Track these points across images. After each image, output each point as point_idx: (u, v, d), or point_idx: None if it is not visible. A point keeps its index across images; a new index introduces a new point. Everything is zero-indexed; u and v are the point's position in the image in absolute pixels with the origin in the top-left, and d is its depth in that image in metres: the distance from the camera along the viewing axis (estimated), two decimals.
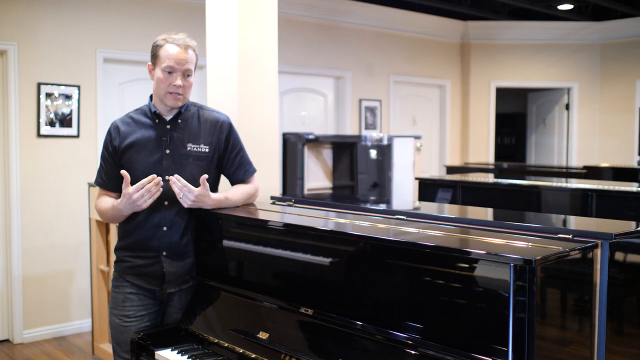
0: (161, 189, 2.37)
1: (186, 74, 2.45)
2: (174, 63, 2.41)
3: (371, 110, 7.17)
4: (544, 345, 1.64)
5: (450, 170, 6.56)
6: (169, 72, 2.42)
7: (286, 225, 2.30)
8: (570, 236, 1.87)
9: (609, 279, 1.82)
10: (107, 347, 4.19)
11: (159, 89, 2.46)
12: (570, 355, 1.78)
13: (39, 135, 4.87)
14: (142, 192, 2.33)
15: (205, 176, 2.40)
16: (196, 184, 2.47)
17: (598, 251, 1.81)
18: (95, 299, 4.36)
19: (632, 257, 2.02)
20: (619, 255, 1.91)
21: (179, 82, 2.42)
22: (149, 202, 2.36)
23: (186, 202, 2.40)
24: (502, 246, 1.74)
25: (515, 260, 1.57)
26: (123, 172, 2.36)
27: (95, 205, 2.55)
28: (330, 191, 5.42)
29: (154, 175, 2.35)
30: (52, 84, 4.90)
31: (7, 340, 4.89)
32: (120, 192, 2.55)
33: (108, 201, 2.50)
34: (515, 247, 1.72)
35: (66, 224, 5.02)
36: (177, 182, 2.36)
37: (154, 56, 2.47)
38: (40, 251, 4.93)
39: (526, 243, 1.76)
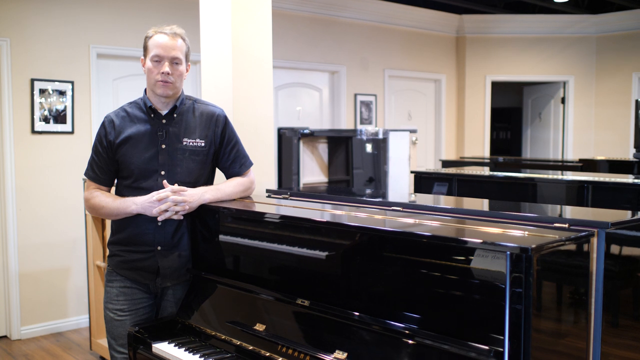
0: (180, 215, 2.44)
1: (174, 62, 2.44)
2: (161, 50, 2.42)
3: (366, 104, 7.16)
4: (539, 332, 1.64)
5: (446, 164, 6.56)
6: (157, 61, 2.43)
7: (282, 217, 2.30)
8: (566, 225, 1.87)
9: (605, 268, 1.82)
10: (105, 343, 4.18)
11: (149, 79, 2.46)
12: (566, 343, 1.78)
13: (33, 131, 4.85)
14: (167, 206, 2.37)
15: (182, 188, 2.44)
16: (193, 178, 2.48)
17: (594, 240, 1.81)
18: (92, 294, 4.35)
19: (628, 246, 2.02)
20: (615, 244, 1.91)
21: (166, 68, 2.41)
22: (164, 215, 2.39)
23: (181, 213, 2.43)
24: (499, 235, 1.74)
25: (512, 248, 1.56)
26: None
27: (87, 199, 2.51)
28: (326, 185, 5.41)
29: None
30: (45, 80, 4.88)
31: (4, 337, 4.88)
32: (112, 186, 2.56)
33: (104, 197, 2.48)
34: (511, 236, 1.72)
35: (62, 220, 5.01)
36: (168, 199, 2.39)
37: (144, 49, 2.49)
38: (36, 248, 4.91)
39: (523, 232, 1.76)
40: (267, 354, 2.07)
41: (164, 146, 2.47)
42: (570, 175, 3.78)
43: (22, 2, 4.79)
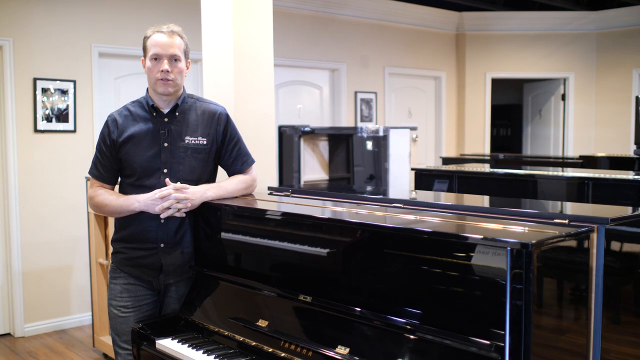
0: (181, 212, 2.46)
1: (173, 59, 2.46)
2: (159, 49, 2.44)
3: (367, 102, 7.17)
4: (540, 327, 1.65)
5: (446, 161, 6.57)
6: (156, 59, 2.45)
7: (284, 214, 2.32)
8: (566, 221, 1.88)
9: (605, 264, 1.83)
10: (108, 340, 4.20)
11: (149, 78, 2.49)
12: (566, 339, 1.80)
13: (35, 130, 4.87)
14: (169, 203, 2.39)
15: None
16: (195, 175, 2.50)
17: (594, 235, 1.82)
18: (95, 292, 4.37)
19: (628, 241, 2.03)
20: (615, 240, 1.93)
21: (165, 66, 2.43)
22: (167, 213, 2.41)
23: (183, 210, 2.45)
24: (499, 231, 1.76)
25: (512, 244, 1.58)
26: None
27: (91, 197, 2.54)
28: (327, 182, 5.42)
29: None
30: (48, 79, 4.90)
31: (8, 334, 4.91)
32: (115, 184, 2.57)
33: (108, 195, 2.50)
34: (512, 232, 1.74)
35: (64, 219, 5.03)
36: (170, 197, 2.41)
37: (144, 49, 2.53)
38: (39, 246, 4.93)
39: (523, 228, 1.78)
40: (270, 350, 2.08)
41: (166, 144, 2.48)
42: (570, 172, 3.79)
43: (25, 2, 4.80)
